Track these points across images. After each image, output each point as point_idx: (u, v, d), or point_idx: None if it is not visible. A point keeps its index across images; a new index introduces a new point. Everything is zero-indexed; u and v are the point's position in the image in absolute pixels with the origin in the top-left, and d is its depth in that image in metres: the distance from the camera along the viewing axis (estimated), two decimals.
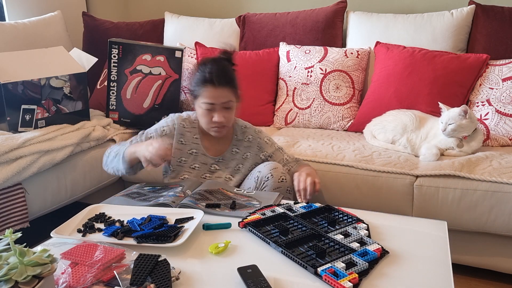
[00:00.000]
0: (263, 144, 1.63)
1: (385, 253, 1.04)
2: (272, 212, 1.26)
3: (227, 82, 1.46)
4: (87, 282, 0.90)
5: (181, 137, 1.56)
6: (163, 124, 1.58)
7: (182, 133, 1.56)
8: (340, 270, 0.94)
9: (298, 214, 1.24)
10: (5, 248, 0.81)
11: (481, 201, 1.58)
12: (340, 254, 1.03)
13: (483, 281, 1.75)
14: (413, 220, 1.25)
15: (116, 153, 1.51)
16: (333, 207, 1.29)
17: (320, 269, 0.94)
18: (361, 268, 0.96)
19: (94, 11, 3.08)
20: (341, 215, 1.25)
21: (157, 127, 1.57)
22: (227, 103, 1.47)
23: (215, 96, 1.45)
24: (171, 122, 1.57)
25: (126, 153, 1.46)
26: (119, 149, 1.51)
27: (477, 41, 2.16)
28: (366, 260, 0.98)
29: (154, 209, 1.28)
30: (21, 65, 1.97)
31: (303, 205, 1.32)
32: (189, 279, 0.95)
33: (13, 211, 1.71)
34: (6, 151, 1.68)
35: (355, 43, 2.40)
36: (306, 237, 1.10)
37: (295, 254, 1.02)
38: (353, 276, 0.92)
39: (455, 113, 1.75)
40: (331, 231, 1.13)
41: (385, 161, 1.74)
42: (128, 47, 2.23)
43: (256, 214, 1.23)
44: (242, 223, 1.18)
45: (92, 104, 2.43)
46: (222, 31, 2.67)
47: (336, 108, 2.23)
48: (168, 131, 1.56)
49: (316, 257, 1.01)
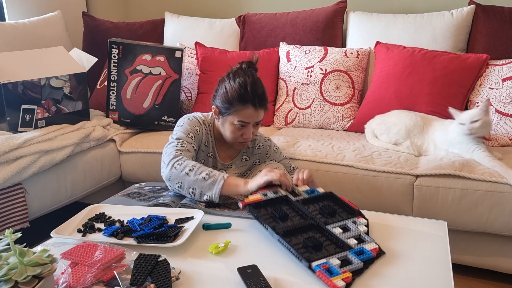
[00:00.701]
0: (272, 152, 1.62)
1: (381, 254, 1.04)
2: (275, 193, 1.23)
3: (266, 103, 1.45)
4: (87, 282, 0.90)
5: (206, 139, 1.53)
6: (194, 122, 1.48)
7: (206, 135, 1.53)
8: (334, 268, 0.94)
9: (299, 200, 1.22)
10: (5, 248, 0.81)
11: (481, 201, 1.58)
12: (336, 249, 1.03)
13: (483, 281, 1.75)
14: (413, 220, 1.25)
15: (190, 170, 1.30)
16: (336, 195, 1.28)
17: (314, 264, 0.94)
18: (356, 267, 0.96)
19: (94, 11, 3.08)
20: (342, 206, 1.24)
21: (188, 128, 1.46)
22: (260, 121, 1.47)
23: (253, 117, 1.42)
24: (198, 122, 1.50)
25: (225, 185, 1.27)
26: (195, 167, 1.31)
27: (477, 41, 2.16)
28: (361, 259, 0.98)
29: (154, 209, 1.28)
30: (21, 65, 1.97)
31: (306, 189, 1.30)
32: (189, 279, 0.95)
33: (13, 211, 1.71)
34: (6, 151, 1.68)
35: (355, 43, 2.40)
36: (304, 227, 1.10)
37: (292, 243, 1.02)
38: (346, 275, 0.92)
39: (479, 110, 1.65)
40: (330, 223, 1.12)
41: (385, 161, 1.74)
42: (128, 47, 2.23)
43: (257, 194, 1.21)
44: (243, 202, 1.18)
45: (92, 104, 2.43)
46: (222, 31, 2.67)
47: (336, 108, 2.23)
48: (201, 131, 1.50)
49: (312, 250, 1.01)
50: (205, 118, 1.54)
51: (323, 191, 1.29)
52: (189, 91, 2.48)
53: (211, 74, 2.41)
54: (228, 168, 1.57)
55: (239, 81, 1.41)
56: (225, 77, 1.45)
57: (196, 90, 2.47)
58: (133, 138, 2.24)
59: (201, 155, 1.52)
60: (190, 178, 1.29)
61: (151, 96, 2.26)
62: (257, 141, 1.60)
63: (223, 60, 2.42)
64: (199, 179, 1.28)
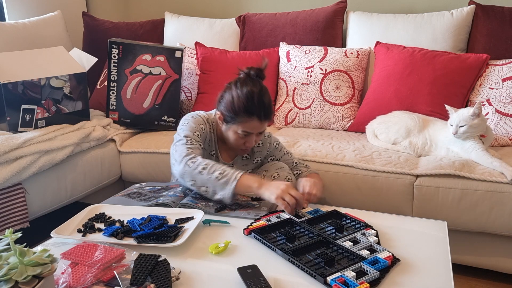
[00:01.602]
0: (272, 149, 1.62)
1: (396, 261, 1.01)
2: (278, 218, 1.23)
3: (272, 115, 1.45)
4: (87, 282, 0.90)
5: (210, 137, 1.53)
6: (199, 120, 1.48)
7: (209, 133, 1.53)
8: (350, 280, 0.91)
9: (304, 220, 1.21)
10: (5, 248, 0.81)
11: (481, 201, 1.58)
12: (349, 262, 1.00)
13: (483, 281, 1.75)
14: (413, 220, 1.25)
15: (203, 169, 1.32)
16: (340, 212, 1.27)
17: (329, 278, 0.92)
18: (372, 277, 0.93)
19: (94, 11, 3.08)
20: (348, 221, 1.22)
21: (194, 126, 1.46)
22: (263, 131, 1.48)
23: (257, 128, 1.43)
24: (203, 121, 1.50)
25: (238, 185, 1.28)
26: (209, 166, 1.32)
27: (477, 41, 2.16)
28: (377, 269, 0.95)
29: (154, 209, 1.28)
30: (21, 65, 1.97)
31: (309, 210, 1.29)
32: (189, 279, 0.95)
33: (13, 211, 1.71)
34: (6, 151, 1.68)
35: (355, 43, 2.40)
36: (313, 244, 1.07)
37: (303, 262, 0.99)
38: (364, 285, 0.90)
39: (466, 115, 1.67)
40: (339, 238, 1.10)
41: (385, 161, 1.74)
42: (128, 47, 2.23)
43: (261, 221, 1.20)
44: (247, 230, 1.16)
45: (92, 104, 2.43)
46: (222, 31, 2.67)
47: (336, 108, 2.23)
48: (206, 129, 1.50)
49: (325, 265, 0.99)
50: (208, 116, 1.54)
51: (327, 210, 1.28)
52: (189, 91, 2.48)
53: (211, 74, 2.41)
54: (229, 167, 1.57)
55: (246, 91, 1.39)
56: (233, 84, 1.44)
57: (196, 90, 2.47)
58: (133, 138, 2.24)
59: (204, 153, 1.52)
60: (203, 176, 1.31)
61: (151, 96, 2.26)
62: None
63: (223, 60, 2.42)
64: (213, 178, 1.30)
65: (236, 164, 1.58)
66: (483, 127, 1.70)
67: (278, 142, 1.64)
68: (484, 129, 1.71)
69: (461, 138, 1.71)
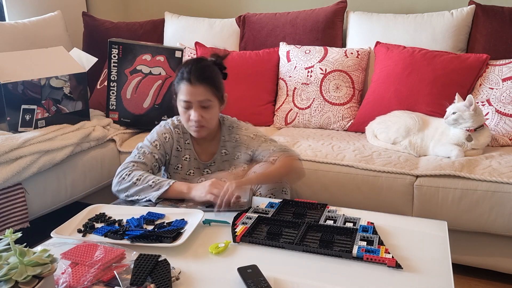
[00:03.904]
0: (249, 140, 1.55)
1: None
2: (249, 219, 1.19)
3: (204, 80, 1.42)
4: (87, 282, 0.90)
5: (178, 144, 1.54)
6: (162, 130, 1.53)
7: (178, 140, 1.54)
8: (371, 248, 0.99)
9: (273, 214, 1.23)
10: (5, 248, 0.81)
11: (481, 201, 1.58)
12: (347, 237, 1.08)
13: (483, 281, 1.75)
14: (413, 220, 1.25)
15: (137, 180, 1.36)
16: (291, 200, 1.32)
17: (354, 252, 0.99)
18: (377, 240, 1.03)
19: (94, 11, 3.08)
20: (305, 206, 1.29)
21: (158, 133, 1.52)
22: (204, 102, 1.43)
23: (191, 93, 1.42)
24: (168, 129, 1.54)
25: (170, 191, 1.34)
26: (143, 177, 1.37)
27: (477, 41, 2.16)
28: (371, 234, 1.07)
29: (154, 209, 1.28)
30: (21, 65, 1.97)
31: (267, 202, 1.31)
32: (189, 279, 0.95)
33: (13, 211, 1.71)
34: (6, 151, 1.68)
35: (355, 43, 2.40)
36: (307, 229, 1.12)
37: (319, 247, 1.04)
38: (383, 248, 0.98)
39: (461, 104, 1.77)
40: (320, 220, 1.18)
41: (385, 161, 1.74)
42: (128, 47, 2.23)
43: (238, 226, 1.15)
44: (238, 238, 1.10)
45: (92, 104, 2.43)
46: (222, 31, 2.67)
47: (336, 108, 2.23)
48: (170, 138, 1.53)
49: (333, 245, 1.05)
50: (179, 121, 1.55)
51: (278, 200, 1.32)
52: None
53: None
54: (211, 166, 1.56)
55: (183, 65, 1.46)
56: None
57: None
58: (133, 138, 2.24)
59: (174, 161, 1.54)
60: (137, 187, 1.36)
61: (151, 96, 2.26)
62: (233, 133, 1.56)
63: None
64: (146, 186, 1.35)
65: (217, 162, 1.56)
66: (474, 122, 1.75)
67: (257, 132, 1.58)
68: (475, 125, 1.76)
69: (449, 125, 1.79)
